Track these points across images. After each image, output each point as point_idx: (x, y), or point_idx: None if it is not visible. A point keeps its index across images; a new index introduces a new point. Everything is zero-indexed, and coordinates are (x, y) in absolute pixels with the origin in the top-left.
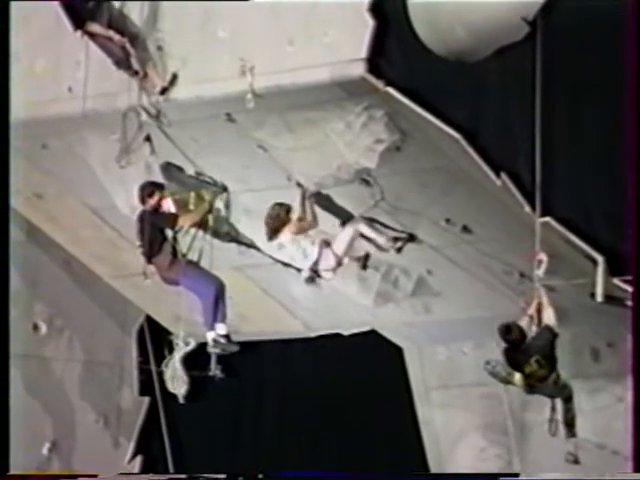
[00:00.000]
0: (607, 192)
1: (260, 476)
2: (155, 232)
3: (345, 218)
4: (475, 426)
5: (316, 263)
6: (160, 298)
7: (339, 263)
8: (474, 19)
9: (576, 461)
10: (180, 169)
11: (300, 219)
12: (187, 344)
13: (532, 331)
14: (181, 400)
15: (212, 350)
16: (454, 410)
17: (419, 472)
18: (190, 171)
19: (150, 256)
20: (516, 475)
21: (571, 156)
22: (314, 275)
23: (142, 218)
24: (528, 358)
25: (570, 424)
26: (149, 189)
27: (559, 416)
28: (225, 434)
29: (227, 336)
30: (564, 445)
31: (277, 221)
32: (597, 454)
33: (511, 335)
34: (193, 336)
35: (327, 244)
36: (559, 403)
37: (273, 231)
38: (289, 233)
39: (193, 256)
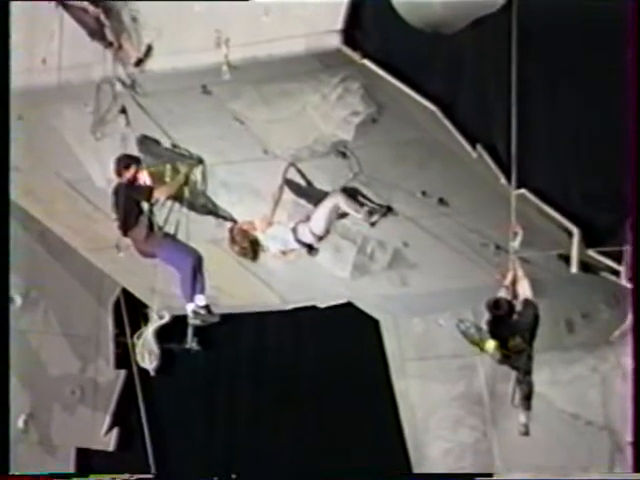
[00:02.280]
0: (583, 164)
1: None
2: (131, 205)
3: (320, 198)
4: (451, 397)
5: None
6: (136, 271)
7: (320, 238)
8: None
9: (527, 433)
10: (156, 142)
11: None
12: (161, 317)
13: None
14: (152, 373)
15: (192, 322)
16: (430, 381)
17: (396, 445)
18: (166, 144)
19: (126, 229)
20: (489, 475)
21: (547, 128)
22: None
23: (117, 191)
24: (513, 334)
25: (528, 397)
26: (125, 162)
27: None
28: (201, 407)
29: (207, 307)
30: (540, 415)
31: (246, 241)
32: (571, 424)
33: (500, 310)
34: (170, 309)
35: (307, 219)
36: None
37: (252, 252)
38: (261, 234)
39: (170, 229)
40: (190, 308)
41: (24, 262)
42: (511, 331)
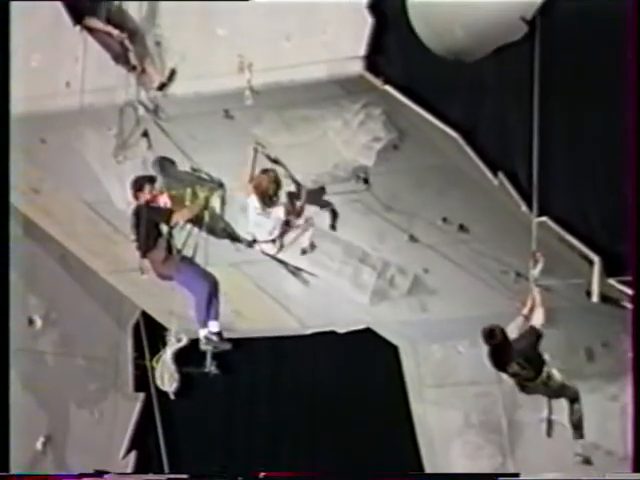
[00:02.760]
0: (604, 192)
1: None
2: (150, 227)
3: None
4: (469, 425)
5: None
6: (155, 294)
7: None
8: (473, 18)
9: (587, 461)
10: (173, 163)
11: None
12: (179, 340)
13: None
14: (172, 397)
15: (204, 347)
16: (449, 408)
17: (413, 471)
18: (187, 167)
19: (145, 251)
20: (516, 475)
21: (568, 156)
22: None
23: (138, 212)
24: (510, 360)
25: (577, 425)
26: (138, 183)
27: (555, 416)
28: (219, 431)
29: (219, 334)
30: (558, 445)
31: (274, 184)
32: (592, 454)
33: (494, 339)
34: (188, 332)
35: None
36: (561, 403)
37: (270, 198)
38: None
39: (188, 252)
40: (203, 334)
41: (44, 284)
42: (508, 356)
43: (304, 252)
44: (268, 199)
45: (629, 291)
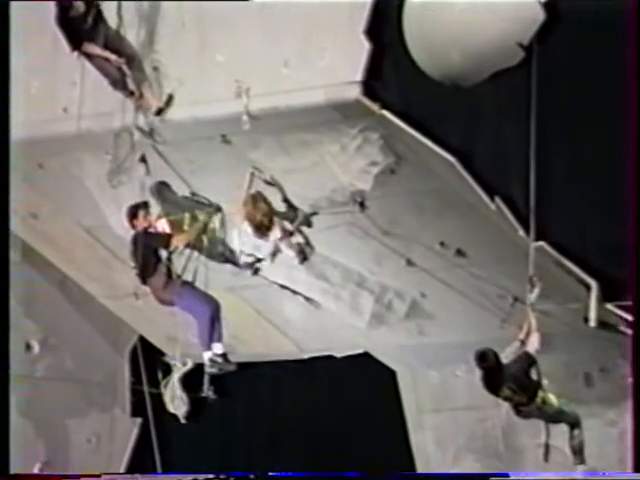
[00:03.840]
0: (602, 217)
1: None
2: (149, 253)
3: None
4: (468, 450)
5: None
6: (154, 319)
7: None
8: (469, 44)
9: None
10: (168, 187)
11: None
12: (184, 364)
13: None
14: (182, 420)
15: (209, 370)
16: (447, 434)
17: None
18: (185, 191)
19: (144, 277)
20: (505, 476)
21: (566, 180)
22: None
23: (136, 239)
24: (502, 384)
25: (577, 450)
26: (132, 211)
27: (552, 441)
28: (217, 455)
29: (224, 355)
30: (557, 470)
31: (267, 216)
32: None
33: (486, 362)
34: (187, 356)
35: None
36: (562, 428)
37: (266, 227)
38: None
39: (188, 277)
40: (207, 356)
41: (42, 309)
42: (499, 381)
43: (304, 259)
44: (265, 229)
45: (627, 316)
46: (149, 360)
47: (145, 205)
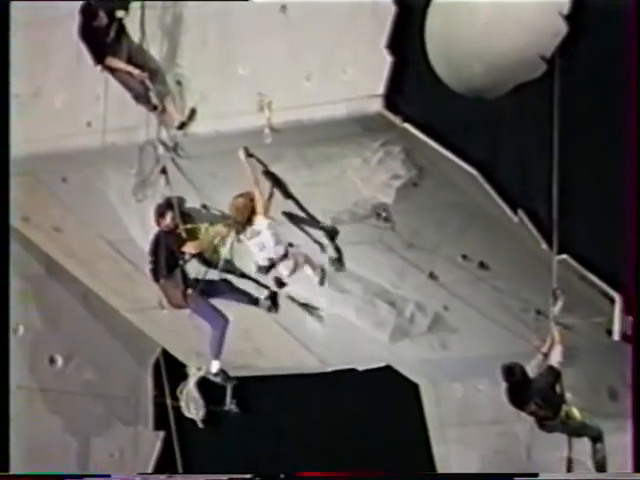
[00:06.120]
0: (625, 230)
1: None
2: (168, 254)
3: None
4: (491, 464)
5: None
6: (176, 332)
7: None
8: (492, 56)
9: None
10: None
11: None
12: (199, 369)
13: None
14: (200, 425)
15: (213, 379)
16: (470, 447)
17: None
18: (205, 204)
19: (158, 276)
20: (535, 475)
21: (588, 193)
22: (271, 265)
23: (157, 238)
24: (528, 399)
25: (600, 464)
26: (161, 209)
27: (576, 454)
28: (240, 469)
29: (221, 373)
30: None
31: (246, 211)
32: None
33: (513, 377)
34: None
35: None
36: (584, 442)
37: (247, 221)
38: (263, 218)
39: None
40: (216, 366)
41: (65, 323)
42: (525, 396)
43: (323, 278)
44: (242, 226)
45: None
46: (172, 373)
47: (172, 206)
